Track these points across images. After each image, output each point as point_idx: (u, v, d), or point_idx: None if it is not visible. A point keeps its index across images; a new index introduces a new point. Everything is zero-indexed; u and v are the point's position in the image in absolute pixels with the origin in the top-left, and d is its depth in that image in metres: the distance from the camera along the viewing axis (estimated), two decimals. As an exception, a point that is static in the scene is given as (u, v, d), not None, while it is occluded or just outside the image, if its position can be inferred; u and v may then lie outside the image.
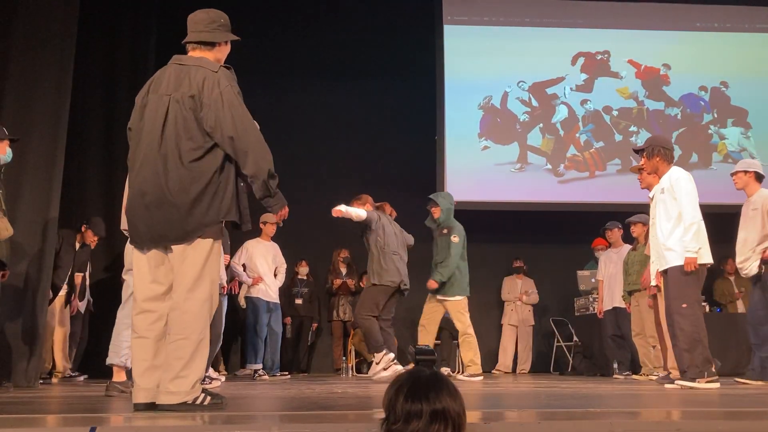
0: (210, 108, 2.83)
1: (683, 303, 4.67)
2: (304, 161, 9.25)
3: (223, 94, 2.85)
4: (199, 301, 2.79)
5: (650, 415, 2.75)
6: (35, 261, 5.53)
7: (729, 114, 9.38)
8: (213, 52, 3.04)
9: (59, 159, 5.77)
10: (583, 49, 9.55)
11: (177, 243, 2.82)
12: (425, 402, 1.80)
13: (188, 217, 2.80)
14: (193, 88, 2.86)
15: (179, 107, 2.86)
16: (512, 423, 2.35)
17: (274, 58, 9.29)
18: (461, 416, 1.84)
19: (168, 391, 2.74)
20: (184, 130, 2.84)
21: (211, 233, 2.85)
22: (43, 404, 3.61)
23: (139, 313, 2.87)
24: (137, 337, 2.86)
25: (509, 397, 4.04)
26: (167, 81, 2.94)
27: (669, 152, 5.08)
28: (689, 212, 4.81)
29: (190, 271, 2.80)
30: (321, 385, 5.40)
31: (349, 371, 8.16)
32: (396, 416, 1.82)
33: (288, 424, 2.28)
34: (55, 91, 5.85)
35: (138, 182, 2.89)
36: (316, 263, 8.88)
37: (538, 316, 9.23)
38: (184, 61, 2.99)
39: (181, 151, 2.83)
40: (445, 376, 1.92)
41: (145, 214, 2.84)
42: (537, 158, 9.29)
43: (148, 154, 2.87)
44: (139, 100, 3.02)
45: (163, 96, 2.91)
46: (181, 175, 2.81)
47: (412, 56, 9.39)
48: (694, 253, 4.71)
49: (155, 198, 2.82)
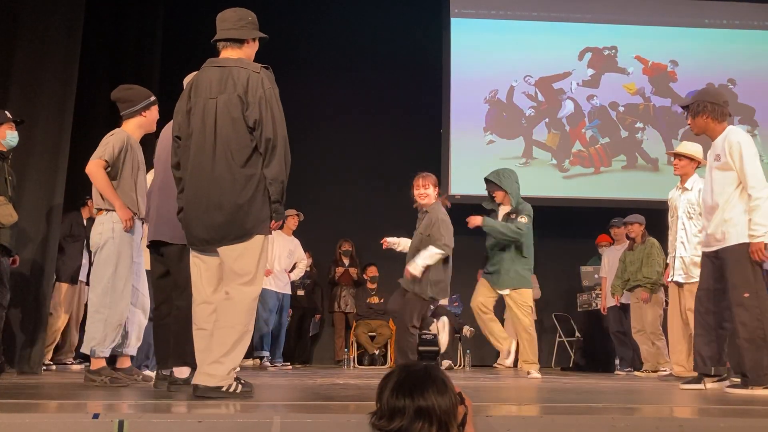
0: (254, 107, 2.90)
1: (745, 292, 3.74)
2: (308, 153, 9.22)
3: (266, 95, 2.92)
4: (253, 294, 2.92)
5: (652, 411, 2.75)
6: (40, 248, 5.54)
7: (736, 112, 9.32)
8: (243, 49, 3.09)
9: (64, 146, 5.78)
10: (590, 44, 9.51)
11: (236, 242, 2.90)
12: (409, 399, 1.79)
13: (247, 216, 2.89)
14: (239, 88, 2.92)
15: (227, 108, 2.91)
16: (513, 417, 2.35)
17: (279, 51, 9.23)
18: (449, 414, 1.82)
19: (206, 372, 2.86)
20: (234, 130, 2.91)
21: (264, 229, 2.94)
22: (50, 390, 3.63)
23: (199, 304, 3.02)
24: (199, 329, 3.01)
25: (510, 391, 4.05)
26: (209, 84, 2.98)
27: (720, 108, 3.99)
28: (753, 183, 3.82)
29: (247, 266, 2.90)
30: (323, 376, 5.42)
31: (350, 363, 8.19)
32: (382, 411, 1.83)
33: (290, 413, 2.30)
34: (61, 78, 5.84)
35: (195, 187, 2.95)
36: (319, 255, 8.90)
37: (541, 311, 9.23)
38: (223, 63, 3.03)
39: (233, 151, 2.90)
40: (438, 371, 1.90)
41: (204, 219, 2.91)
42: (542, 153, 9.27)
43: (201, 159, 2.93)
44: (183, 106, 3.05)
45: (208, 99, 2.96)
46: (236, 176, 2.88)
47: (419, 49, 9.37)
48: (762, 237, 3.74)
49: (214, 202, 2.89)
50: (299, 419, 2.20)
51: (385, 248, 5.71)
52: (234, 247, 2.90)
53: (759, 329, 3.70)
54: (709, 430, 2.28)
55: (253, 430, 2.14)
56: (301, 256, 7.71)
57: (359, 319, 8.51)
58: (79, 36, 6.02)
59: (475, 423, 2.18)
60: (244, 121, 2.90)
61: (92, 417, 2.13)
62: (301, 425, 2.16)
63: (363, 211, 9.27)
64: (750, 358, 3.72)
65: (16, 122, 4.91)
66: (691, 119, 4.08)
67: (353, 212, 9.24)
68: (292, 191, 3.14)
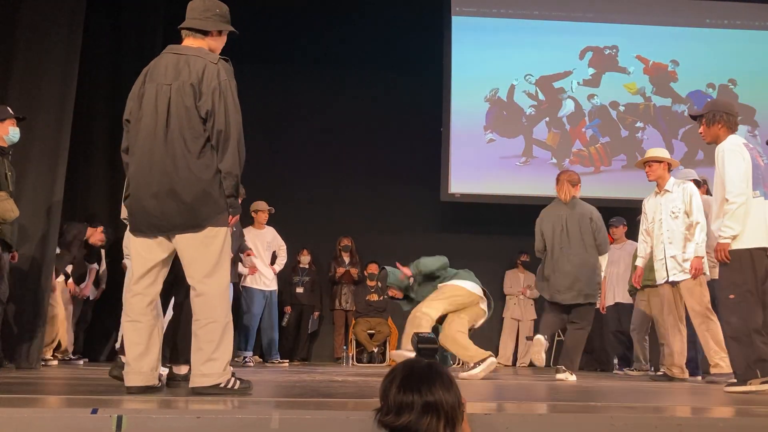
0: (207, 97, 2.86)
1: (731, 293, 3.93)
2: (309, 152, 9.25)
3: (221, 86, 2.88)
4: (221, 286, 2.88)
5: (651, 410, 2.75)
6: (39, 244, 5.54)
7: (736, 112, 9.34)
8: (206, 40, 3.05)
9: (64, 143, 5.78)
10: (591, 43, 9.50)
11: (188, 231, 2.85)
12: (417, 394, 1.79)
13: (203, 205, 2.84)
14: (192, 77, 2.88)
15: (180, 96, 2.88)
16: (512, 415, 2.35)
17: (280, 50, 9.25)
18: (455, 409, 1.82)
19: (201, 374, 2.82)
20: (187, 119, 2.87)
21: (222, 221, 2.90)
22: (48, 385, 3.63)
23: (133, 296, 2.93)
24: (130, 321, 2.93)
25: (509, 390, 4.05)
26: (165, 70, 2.94)
27: (732, 118, 4.21)
28: (731, 188, 4.01)
29: (208, 258, 2.86)
30: (321, 374, 5.42)
31: (349, 360, 8.19)
32: (388, 407, 1.82)
33: (289, 410, 2.29)
34: (61, 75, 5.84)
35: (142, 173, 2.90)
36: (319, 252, 8.89)
37: (540, 311, 9.22)
38: (181, 51, 3.00)
39: (186, 140, 2.86)
40: (441, 367, 1.91)
41: (153, 204, 2.86)
42: (542, 152, 9.26)
43: (151, 144, 2.88)
44: (136, 90, 3.02)
45: (162, 85, 2.92)
46: (191, 163, 2.84)
47: (419, 47, 9.36)
48: (728, 238, 3.93)
49: (165, 188, 2.84)
50: (298, 416, 2.20)
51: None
52: (191, 237, 2.85)
53: (744, 328, 3.85)
54: (708, 430, 2.28)
55: (252, 426, 2.14)
56: (280, 243, 7.62)
57: (358, 316, 8.51)
58: (79, 33, 6.02)
59: (471, 421, 2.18)
60: (197, 110, 2.87)
61: (91, 412, 2.13)
62: (299, 422, 2.16)
63: (363, 209, 9.27)
64: (736, 356, 3.91)
65: (18, 118, 4.91)
66: (705, 128, 4.21)
67: (353, 210, 9.24)
68: (292, 188, 3.12)
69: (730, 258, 3.93)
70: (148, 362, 2.91)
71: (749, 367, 3.83)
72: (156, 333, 2.94)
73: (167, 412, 2.23)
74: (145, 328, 2.91)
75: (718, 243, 3.97)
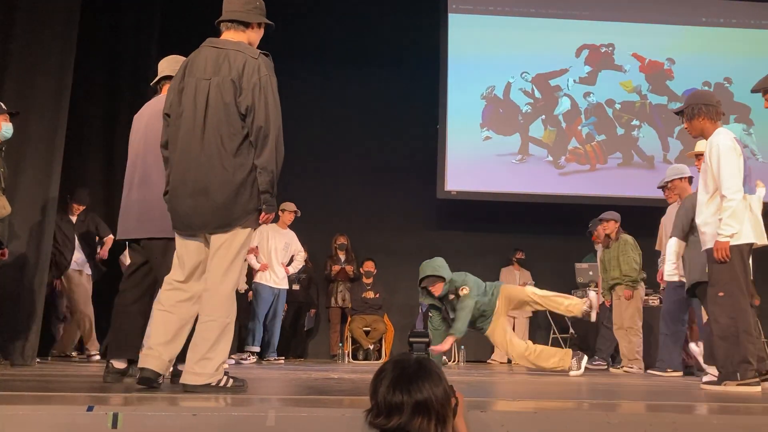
0: (248, 93, 2.83)
1: (720, 291, 3.88)
2: (305, 148, 9.23)
3: (261, 82, 2.85)
4: (231, 285, 2.85)
5: (646, 408, 2.76)
6: (34, 240, 5.51)
7: (732, 110, 9.35)
8: (246, 33, 3.03)
9: (60, 139, 5.75)
10: (587, 41, 9.51)
11: (219, 231, 2.83)
12: (407, 394, 1.77)
13: (234, 205, 2.81)
14: (233, 72, 2.85)
15: (219, 91, 2.84)
16: (508, 412, 2.35)
17: (275, 46, 9.17)
18: (444, 406, 1.81)
19: (193, 372, 2.80)
20: (225, 116, 2.83)
21: (250, 222, 2.88)
22: (44, 382, 3.62)
23: (171, 288, 2.95)
24: (162, 310, 2.94)
25: (505, 387, 4.06)
26: (204, 64, 2.91)
27: (714, 108, 4.11)
28: (728, 185, 3.88)
29: (226, 256, 2.84)
30: (317, 371, 5.42)
31: (345, 357, 8.19)
32: (378, 408, 1.80)
33: (285, 407, 2.30)
34: (57, 69, 5.81)
35: (181, 170, 2.88)
36: (315, 249, 8.89)
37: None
38: (221, 45, 2.95)
39: (222, 137, 2.82)
40: (430, 362, 1.89)
41: (188, 203, 2.85)
42: (538, 150, 9.28)
43: (190, 141, 2.86)
44: (176, 84, 2.97)
45: (201, 80, 2.88)
46: (225, 162, 2.81)
47: (416, 44, 9.36)
48: (727, 237, 3.84)
49: (200, 186, 2.82)
50: (294, 413, 2.20)
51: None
52: (217, 237, 2.84)
53: (732, 326, 3.81)
54: (703, 427, 2.29)
55: (248, 423, 2.14)
56: (298, 248, 7.66)
57: (354, 313, 8.52)
58: (75, 28, 5.99)
59: (467, 417, 2.18)
60: (236, 106, 2.83)
61: (86, 409, 2.13)
62: (296, 419, 2.16)
63: (359, 207, 9.27)
64: (722, 355, 3.86)
65: (11, 114, 4.88)
66: (688, 123, 4.16)
67: (350, 207, 9.24)
68: (289, 185, 3.11)
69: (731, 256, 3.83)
70: (169, 351, 2.92)
71: (733, 366, 3.81)
72: (185, 329, 2.93)
73: (163, 410, 2.23)
74: (176, 320, 2.91)
75: (717, 241, 3.86)
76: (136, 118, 3.78)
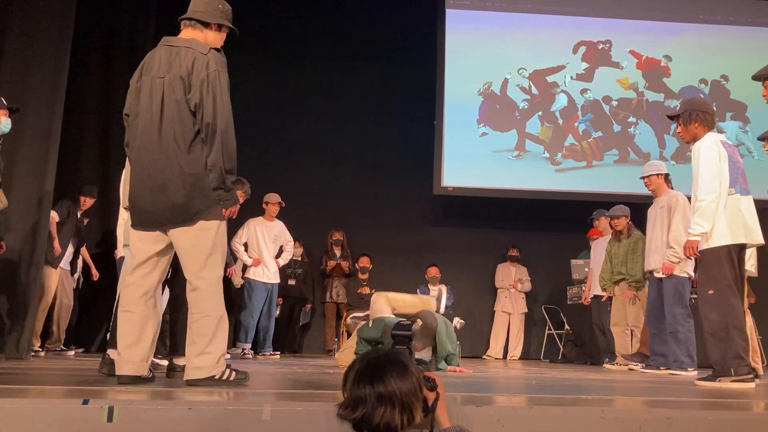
0: (196, 90, 2.85)
1: (710, 289, 4.01)
2: (301, 144, 9.23)
3: (209, 78, 2.86)
4: (214, 279, 2.87)
5: (641, 403, 2.77)
6: (29, 234, 5.51)
7: (728, 108, 9.38)
8: (204, 33, 3.04)
9: (55, 133, 5.74)
10: (584, 37, 9.51)
11: (181, 225, 2.85)
12: (369, 386, 1.83)
13: (192, 200, 2.83)
14: (183, 69, 2.88)
15: (172, 89, 2.87)
16: (504, 407, 2.36)
17: (273, 40, 9.22)
18: (410, 396, 1.85)
19: (195, 366, 2.83)
20: (178, 113, 2.87)
21: (215, 214, 2.88)
22: (39, 376, 3.61)
23: (127, 286, 2.95)
24: (124, 311, 2.94)
25: (500, 383, 4.07)
26: (158, 63, 2.94)
27: (709, 116, 4.26)
28: (702, 186, 4.04)
29: (202, 253, 2.85)
30: (313, 366, 5.43)
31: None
32: (346, 401, 1.87)
33: (281, 401, 2.29)
34: (52, 64, 5.80)
35: (140, 167, 2.91)
36: (311, 244, 8.89)
37: (531, 304, 9.27)
38: (174, 43, 2.99)
39: (176, 134, 2.85)
40: (399, 355, 1.93)
41: (149, 199, 2.88)
42: (535, 146, 9.28)
43: (148, 138, 2.89)
44: (133, 84, 3.02)
45: (155, 78, 2.92)
46: (181, 159, 2.84)
47: (413, 40, 9.35)
48: (696, 236, 4.03)
49: (158, 183, 2.85)
50: (290, 407, 2.20)
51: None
52: (183, 231, 2.85)
53: (721, 323, 3.92)
54: (698, 423, 2.30)
55: (244, 417, 2.14)
56: (287, 238, 7.63)
57: (350, 309, 8.52)
58: (71, 21, 5.97)
59: (463, 414, 2.19)
60: (186, 103, 2.86)
61: (82, 403, 2.12)
62: (291, 413, 2.16)
63: (356, 202, 9.27)
64: (714, 351, 3.96)
65: (11, 110, 4.87)
66: (682, 128, 4.29)
67: (346, 203, 9.24)
68: (287, 180, 3.10)
69: (698, 255, 4.04)
70: (139, 352, 2.91)
71: (725, 362, 3.90)
72: (150, 324, 2.93)
73: (159, 403, 2.23)
74: (137, 318, 2.91)
75: (687, 240, 4.08)
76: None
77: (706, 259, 4.05)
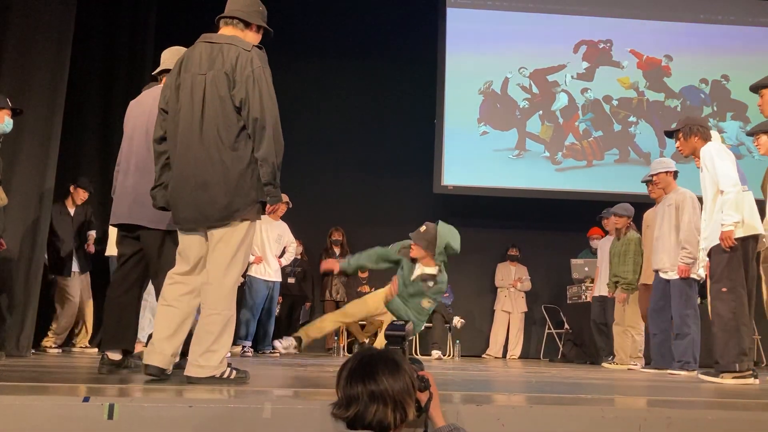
0: (241, 86, 2.84)
1: (723, 286, 4.10)
2: (301, 143, 9.21)
3: (255, 74, 2.86)
4: (233, 279, 2.87)
5: (640, 403, 2.78)
6: (29, 232, 5.50)
7: (729, 108, 9.38)
8: (245, 33, 3.06)
9: (56, 131, 5.73)
10: (585, 37, 9.51)
11: (220, 225, 2.85)
12: (362, 385, 1.84)
13: (233, 198, 2.82)
14: (226, 66, 2.86)
15: (215, 86, 2.86)
16: (503, 406, 2.36)
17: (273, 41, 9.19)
18: (403, 394, 1.86)
19: (198, 364, 2.82)
20: (221, 109, 2.85)
21: (251, 214, 2.88)
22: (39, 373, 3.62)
23: (172, 283, 2.98)
24: (165, 305, 2.96)
25: (500, 382, 4.07)
26: (199, 59, 2.93)
27: (706, 130, 4.53)
28: (724, 182, 4.17)
29: (227, 250, 2.85)
30: (313, 364, 5.43)
31: (340, 351, 8.20)
32: (340, 400, 1.87)
33: (281, 399, 2.30)
34: (52, 63, 5.79)
35: (182, 166, 2.90)
36: (311, 243, 8.89)
37: (531, 303, 9.28)
38: (215, 39, 2.97)
39: (220, 130, 2.84)
40: (392, 353, 1.94)
41: (190, 198, 2.86)
42: (535, 145, 9.28)
43: (189, 136, 2.88)
44: (172, 80, 2.99)
45: (197, 75, 2.91)
46: (224, 156, 2.82)
47: (414, 39, 9.34)
48: (730, 226, 4.08)
49: (200, 180, 2.83)
50: (290, 405, 2.20)
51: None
52: (217, 230, 2.85)
53: (732, 320, 4.04)
54: (697, 422, 2.30)
55: (244, 415, 2.14)
56: (291, 239, 7.64)
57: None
58: (72, 19, 5.96)
59: (462, 413, 2.19)
60: (231, 99, 2.85)
61: (83, 400, 2.13)
62: (292, 411, 2.17)
63: (356, 200, 9.27)
64: (721, 345, 4.08)
65: (15, 111, 4.86)
66: (682, 142, 4.55)
67: (346, 201, 9.24)
68: (285, 179, 3.10)
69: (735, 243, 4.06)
70: (171, 346, 2.94)
71: (732, 358, 4.01)
72: (187, 323, 2.96)
73: (159, 401, 2.23)
74: (179, 314, 2.94)
75: (723, 231, 4.09)
76: (135, 104, 3.79)
77: (717, 255, 4.13)
